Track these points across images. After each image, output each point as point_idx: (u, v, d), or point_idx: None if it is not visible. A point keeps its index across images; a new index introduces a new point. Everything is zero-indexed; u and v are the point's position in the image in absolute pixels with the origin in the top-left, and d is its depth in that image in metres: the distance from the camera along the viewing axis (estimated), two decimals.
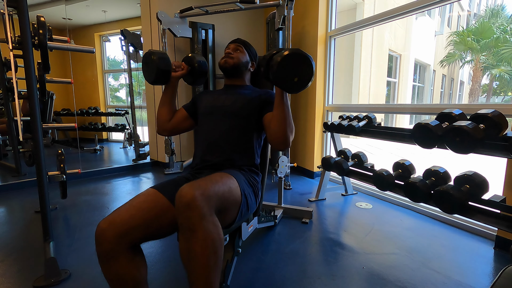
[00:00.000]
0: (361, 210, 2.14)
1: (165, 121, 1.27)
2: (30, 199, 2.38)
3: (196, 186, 0.80)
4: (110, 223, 0.84)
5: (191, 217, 0.76)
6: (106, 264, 0.84)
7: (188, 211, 0.76)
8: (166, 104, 1.26)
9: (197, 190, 0.78)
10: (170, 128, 1.28)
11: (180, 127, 1.29)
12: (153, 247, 1.57)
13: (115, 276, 0.85)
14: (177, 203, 0.79)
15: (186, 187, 0.80)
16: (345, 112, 2.33)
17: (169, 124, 1.27)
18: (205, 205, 0.78)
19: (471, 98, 11.92)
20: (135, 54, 3.67)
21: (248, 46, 1.31)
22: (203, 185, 0.82)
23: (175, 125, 1.28)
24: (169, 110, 1.27)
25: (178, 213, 0.78)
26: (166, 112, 1.26)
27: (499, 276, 0.59)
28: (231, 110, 1.18)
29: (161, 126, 1.28)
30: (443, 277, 1.30)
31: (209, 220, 0.79)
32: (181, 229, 0.79)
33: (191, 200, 0.76)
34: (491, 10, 11.07)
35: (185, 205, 0.76)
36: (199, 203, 0.77)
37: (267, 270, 1.36)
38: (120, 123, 5.10)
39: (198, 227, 0.76)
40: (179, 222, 0.79)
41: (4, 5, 1.31)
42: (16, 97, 1.42)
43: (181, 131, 1.31)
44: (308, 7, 2.90)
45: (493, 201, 1.24)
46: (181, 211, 0.77)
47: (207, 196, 0.80)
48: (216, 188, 0.86)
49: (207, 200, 0.80)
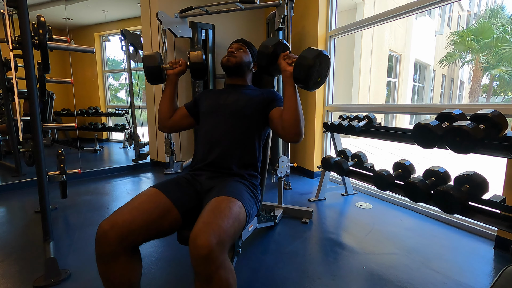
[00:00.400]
0: (361, 210, 2.14)
1: (165, 118, 1.27)
2: (30, 199, 2.38)
3: (211, 231, 0.76)
4: (112, 225, 0.83)
5: (208, 269, 0.74)
6: (104, 266, 0.84)
7: (206, 263, 0.74)
8: (166, 101, 1.27)
9: (213, 238, 0.75)
10: (170, 125, 1.29)
11: (180, 124, 1.29)
12: (153, 247, 1.57)
13: (111, 277, 0.85)
14: (193, 253, 0.74)
15: (201, 233, 0.75)
16: (345, 112, 2.33)
17: (170, 121, 1.28)
18: (221, 253, 0.76)
19: (471, 98, 11.92)
20: (135, 54, 3.67)
21: (251, 47, 1.32)
22: (217, 228, 0.78)
23: (175, 122, 1.28)
24: (169, 107, 1.27)
25: (195, 263, 0.75)
26: (166, 109, 1.27)
27: (499, 276, 0.59)
28: (233, 108, 1.18)
29: (161, 123, 1.29)
30: (443, 277, 1.30)
31: (225, 267, 0.77)
32: (197, 276, 0.77)
33: (208, 253, 0.73)
34: (491, 10, 11.07)
35: (203, 258, 0.73)
36: (216, 254, 0.74)
37: (267, 270, 1.36)
38: (120, 123, 5.10)
39: (215, 277, 0.75)
40: (195, 270, 0.76)
41: (4, 5, 1.31)
42: (16, 97, 1.42)
43: (182, 129, 1.32)
44: (308, 7, 2.90)
45: (493, 201, 1.24)
46: (198, 263, 0.74)
47: (223, 243, 0.77)
48: (229, 229, 0.82)
49: (223, 247, 0.77)
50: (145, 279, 1.28)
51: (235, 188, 1.01)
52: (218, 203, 0.89)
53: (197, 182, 1.10)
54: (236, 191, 0.98)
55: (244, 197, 0.99)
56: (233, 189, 0.99)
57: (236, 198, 0.94)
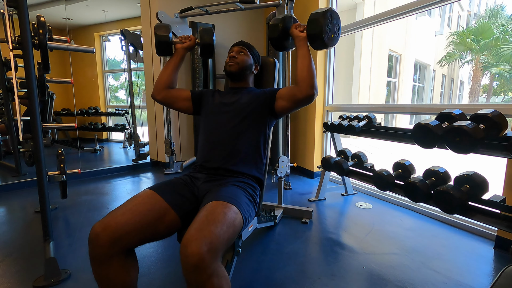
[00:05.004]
0: (361, 210, 2.14)
1: (162, 87, 1.27)
2: (30, 199, 2.38)
3: (202, 238, 0.73)
4: (105, 227, 0.82)
5: (199, 278, 0.72)
6: (98, 268, 0.83)
7: (196, 272, 0.71)
8: (168, 70, 1.28)
9: (204, 246, 0.72)
10: (165, 95, 1.28)
11: (176, 101, 1.29)
12: (153, 247, 1.57)
13: (105, 279, 0.84)
14: (183, 261, 0.72)
15: (192, 239, 0.73)
16: (345, 112, 2.33)
17: (166, 92, 1.28)
18: (213, 261, 0.74)
19: (471, 98, 11.91)
20: (135, 54, 3.66)
21: (252, 49, 1.32)
22: (209, 235, 0.75)
23: (172, 96, 1.28)
24: (169, 77, 1.28)
25: (185, 272, 0.73)
26: (165, 77, 1.27)
27: (499, 276, 0.59)
28: (237, 107, 1.19)
29: (156, 90, 1.28)
30: (443, 277, 1.30)
31: (217, 274, 0.75)
32: (188, 285, 0.76)
33: (198, 261, 0.70)
34: (491, 10, 11.06)
35: (193, 267, 0.71)
36: (207, 263, 0.71)
37: (267, 270, 1.36)
38: (120, 123, 5.10)
39: (206, 285, 0.73)
40: (186, 279, 0.74)
41: (4, 5, 1.31)
42: (16, 97, 1.42)
43: (173, 106, 1.30)
44: (308, 7, 2.90)
45: (493, 201, 1.24)
46: (188, 272, 0.72)
47: (215, 250, 0.75)
48: (222, 236, 0.79)
49: (214, 254, 0.74)
50: (145, 279, 1.28)
51: (232, 192, 0.99)
52: (212, 208, 0.86)
53: (195, 186, 1.09)
54: (233, 196, 0.96)
55: (241, 202, 0.97)
56: (229, 194, 0.97)
57: (232, 204, 0.91)
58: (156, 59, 3.32)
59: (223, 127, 1.17)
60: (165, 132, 3.19)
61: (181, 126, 3.53)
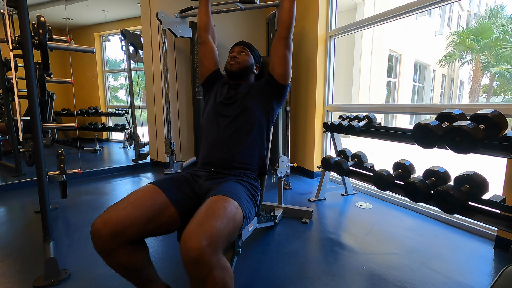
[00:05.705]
0: (361, 210, 2.14)
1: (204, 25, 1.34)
2: (30, 199, 2.38)
3: (202, 233, 0.73)
4: (105, 222, 0.82)
5: (200, 272, 0.72)
6: (106, 258, 0.86)
7: (197, 266, 0.71)
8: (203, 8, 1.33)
9: (204, 240, 0.72)
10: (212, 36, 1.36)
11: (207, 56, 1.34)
12: (153, 246, 1.57)
13: (116, 266, 0.87)
14: (184, 256, 0.72)
15: (192, 234, 0.73)
16: (345, 112, 2.32)
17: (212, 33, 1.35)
18: (213, 255, 0.73)
19: (471, 98, 11.91)
20: (135, 54, 3.67)
21: (253, 49, 1.33)
22: (209, 229, 0.75)
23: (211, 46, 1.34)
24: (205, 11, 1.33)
25: (186, 267, 0.73)
26: (203, 15, 1.34)
27: (499, 276, 0.59)
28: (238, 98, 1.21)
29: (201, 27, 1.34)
30: (443, 277, 1.30)
31: (218, 267, 0.74)
32: (190, 279, 0.76)
33: (198, 255, 0.70)
34: (491, 10, 11.06)
35: (192, 261, 0.71)
36: (207, 257, 0.71)
37: (267, 270, 1.36)
38: (120, 123, 5.10)
39: (208, 278, 0.73)
40: (187, 273, 0.74)
41: (4, 5, 1.31)
42: (16, 97, 1.42)
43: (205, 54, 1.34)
44: (308, 7, 2.90)
45: (493, 201, 1.24)
46: (188, 267, 0.72)
47: (214, 244, 0.74)
48: (222, 230, 0.79)
49: (214, 248, 0.74)
50: None
51: (233, 188, 0.99)
52: (213, 202, 0.87)
53: (196, 183, 1.10)
54: (233, 191, 0.97)
55: (241, 198, 0.97)
56: (230, 189, 0.97)
57: (232, 198, 0.92)
58: (156, 59, 3.32)
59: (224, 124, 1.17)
60: (165, 132, 3.19)
61: (181, 126, 3.53)
